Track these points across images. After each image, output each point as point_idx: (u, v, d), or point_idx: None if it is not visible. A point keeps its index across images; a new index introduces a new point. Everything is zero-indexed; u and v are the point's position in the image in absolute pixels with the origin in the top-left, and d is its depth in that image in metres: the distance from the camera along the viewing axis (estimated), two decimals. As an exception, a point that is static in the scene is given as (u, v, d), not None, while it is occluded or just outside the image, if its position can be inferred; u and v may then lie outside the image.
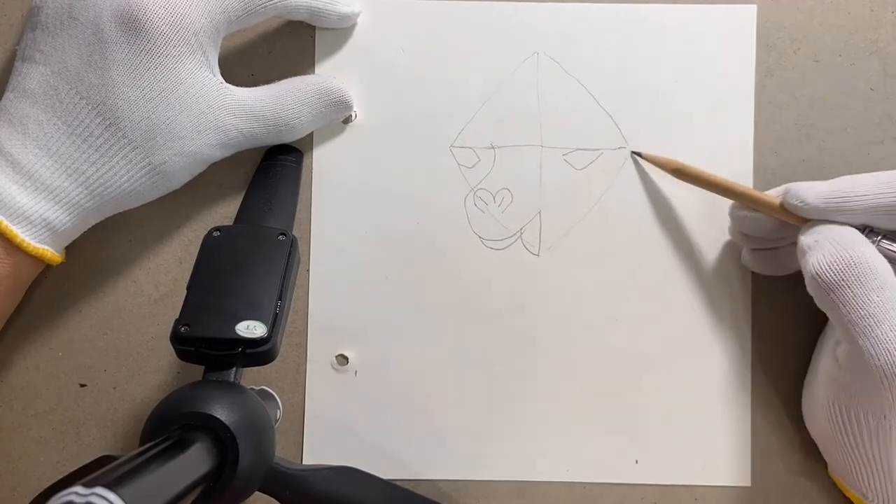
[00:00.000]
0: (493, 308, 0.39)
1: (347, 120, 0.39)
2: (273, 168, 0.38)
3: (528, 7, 0.39)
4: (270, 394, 0.36)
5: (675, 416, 0.38)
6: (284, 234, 0.34)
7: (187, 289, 0.32)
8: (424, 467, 0.38)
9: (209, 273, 0.32)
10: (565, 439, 0.38)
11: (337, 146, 0.39)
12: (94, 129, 0.33)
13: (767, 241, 0.36)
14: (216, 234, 0.34)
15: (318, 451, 0.38)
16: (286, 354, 0.38)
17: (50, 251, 0.34)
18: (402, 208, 0.39)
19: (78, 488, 0.20)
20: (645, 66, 0.39)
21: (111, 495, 0.20)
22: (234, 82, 0.36)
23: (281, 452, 0.32)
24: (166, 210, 0.39)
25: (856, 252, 0.30)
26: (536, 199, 0.39)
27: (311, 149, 0.39)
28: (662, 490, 0.38)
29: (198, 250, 0.33)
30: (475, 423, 0.38)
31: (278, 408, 0.37)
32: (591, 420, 0.38)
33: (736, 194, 0.35)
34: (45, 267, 0.36)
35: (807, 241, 0.32)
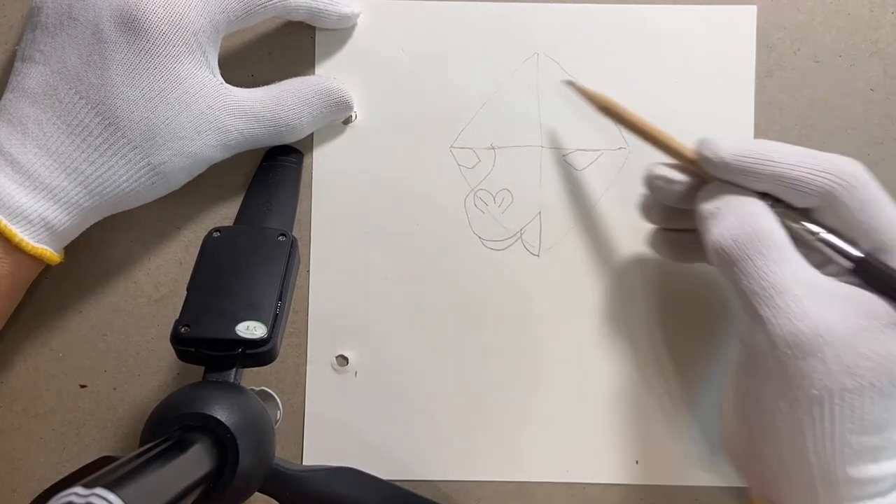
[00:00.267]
0: (493, 308, 0.39)
1: (348, 120, 0.39)
2: (273, 169, 0.38)
3: (528, 7, 0.39)
4: (270, 394, 0.36)
5: (676, 416, 0.38)
6: (284, 234, 0.34)
7: (187, 289, 0.32)
8: (424, 467, 0.38)
9: (209, 274, 0.32)
10: (565, 440, 0.38)
11: (337, 147, 0.39)
12: (93, 129, 0.33)
13: (678, 218, 0.34)
14: (216, 234, 0.34)
15: (318, 451, 0.38)
16: (286, 355, 0.38)
17: (49, 251, 0.34)
18: (402, 209, 0.39)
19: (78, 489, 0.20)
20: (645, 66, 0.39)
21: (111, 496, 0.20)
22: (234, 83, 0.36)
23: (281, 453, 0.32)
24: (166, 210, 0.39)
25: (759, 224, 0.30)
26: (536, 200, 0.39)
27: (312, 149, 0.39)
28: (662, 490, 0.38)
29: (198, 251, 0.33)
30: (475, 424, 0.38)
31: (278, 408, 0.37)
32: (591, 421, 0.38)
33: (655, 139, 0.33)
34: (45, 267, 0.36)
35: (708, 207, 0.31)
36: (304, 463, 0.38)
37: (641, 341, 0.38)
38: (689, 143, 0.39)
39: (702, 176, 0.32)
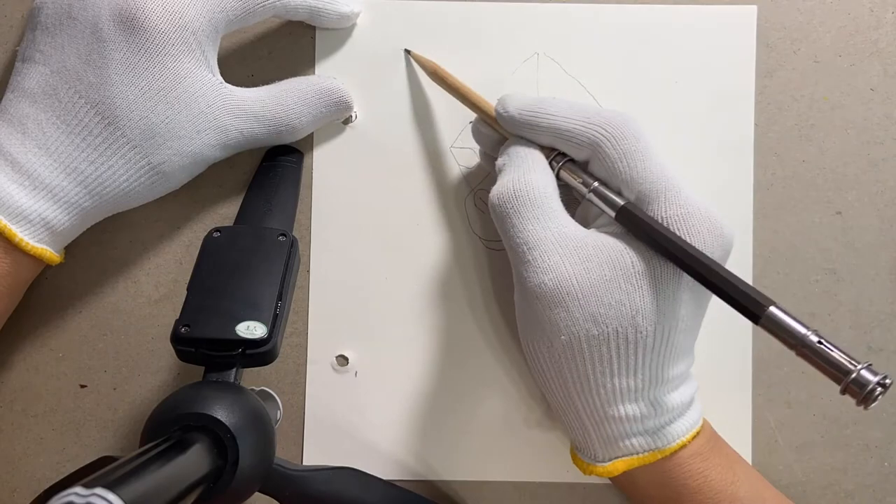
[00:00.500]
0: (494, 308, 0.39)
1: (347, 120, 0.39)
2: (273, 169, 0.38)
3: (528, 7, 0.39)
4: (270, 394, 0.36)
5: (676, 416, 0.38)
6: (284, 234, 0.34)
7: (187, 289, 0.32)
8: (424, 467, 0.38)
9: (209, 274, 0.32)
10: (565, 440, 0.38)
11: (337, 147, 0.39)
12: (92, 129, 0.33)
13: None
14: (216, 234, 0.34)
15: (318, 451, 0.38)
16: (286, 355, 0.38)
17: (49, 251, 0.34)
18: (402, 209, 0.39)
19: (78, 489, 0.20)
20: (645, 66, 0.39)
21: (111, 496, 0.20)
22: (234, 83, 0.36)
23: (281, 453, 0.32)
24: (166, 211, 0.39)
25: (520, 183, 0.32)
26: (536, 200, 0.39)
27: (312, 149, 0.39)
28: (663, 490, 0.38)
29: (198, 251, 0.33)
30: (475, 424, 0.38)
31: (278, 408, 0.37)
32: (591, 420, 0.38)
33: (471, 103, 0.36)
34: (45, 267, 0.36)
35: (499, 163, 0.34)
36: (304, 463, 0.38)
37: (641, 341, 0.38)
38: (695, 142, 0.39)
39: (506, 135, 0.35)
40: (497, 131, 0.35)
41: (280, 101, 0.36)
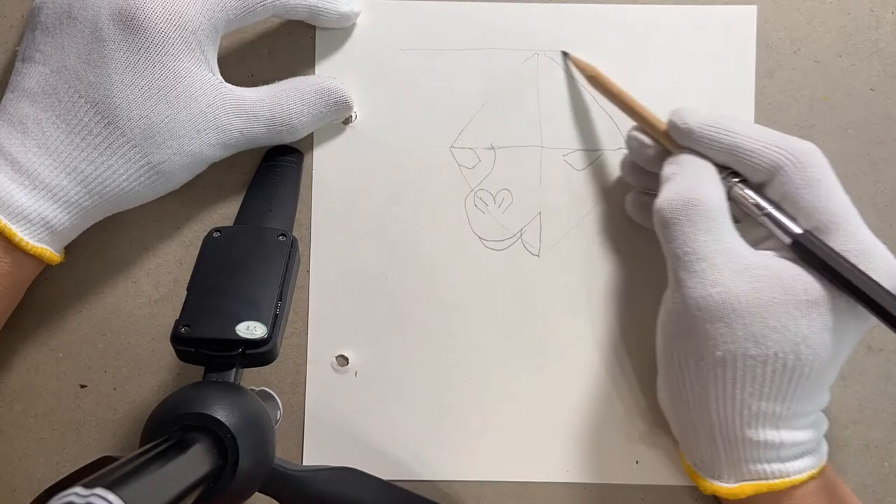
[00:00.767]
0: (494, 308, 0.39)
1: (347, 120, 0.39)
2: (273, 169, 0.38)
3: (528, 7, 0.39)
4: (270, 394, 0.36)
5: (676, 416, 0.38)
6: (284, 234, 0.34)
7: (187, 289, 0.32)
8: (424, 467, 0.38)
9: (209, 274, 0.32)
10: (565, 440, 0.38)
11: (337, 147, 0.39)
12: (92, 128, 0.33)
13: (652, 180, 0.36)
14: (216, 234, 0.34)
15: (318, 451, 0.38)
16: (286, 355, 0.38)
17: (49, 250, 0.34)
18: (402, 209, 0.39)
19: (78, 489, 0.20)
20: (645, 66, 0.39)
21: (111, 496, 0.20)
22: (234, 83, 0.36)
23: (281, 453, 0.32)
24: (166, 210, 0.39)
25: (697, 193, 0.32)
26: (536, 200, 0.39)
27: (311, 149, 0.39)
28: (663, 491, 0.38)
29: (198, 251, 0.33)
30: (475, 424, 0.38)
31: (278, 408, 0.37)
32: (591, 421, 0.38)
33: (633, 111, 0.35)
34: (45, 267, 0.36)
35: (667, 170, 0.33)
36: (304, 463, 0.38)
37: (642, 341, 0.38)
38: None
39: (671, 147, 0.34)
40: (659, 143, 0.34)
41: (280, 100, 0.36)
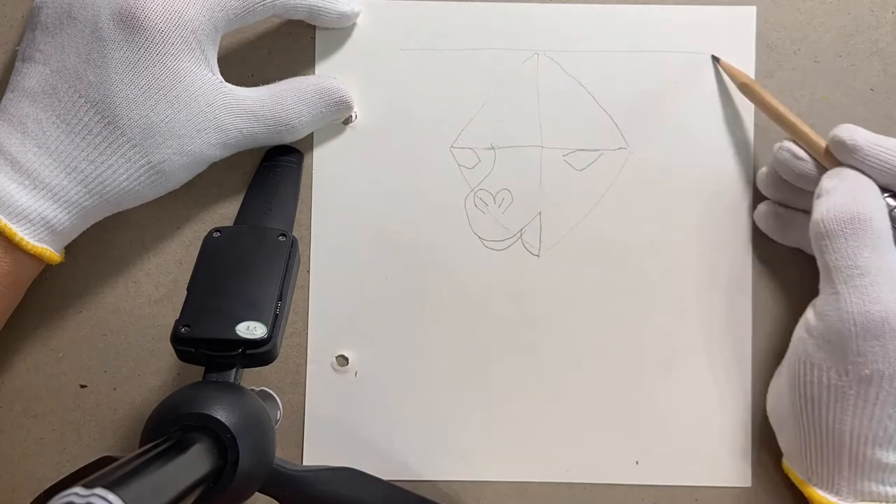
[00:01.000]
0: (494, 308, 0.39)
1: (347, 120, 0.39)
2: (273, 169, 0.38)
3: (528, 7, 0.39)
4: (271, 394, 0.36)
5: (675, 416, 0.38)
6: (284, 234, 0.34)
7: (187, 290, 0.32)
8: (424, 467, 0.38)
9: (209, 274, 0.32)
10: (565, 440, 0.38)
11: (337, 147, 0.39)
12: (92, 128, 0.33)
13: (792, 195, 0.36)
14: (216, 234, 0.34)
15: (318, 451, 0.38)
16: (286, 355, 0.38)
17: (49, 250, 0.34)
18: (402, 209, 0.39)
19: (78, 489, 0.20)
20: (645, 66, 0.39)
21: (111, 496, 0.20)
22: (234, 82, 0.36)
23: (281, 453, 0.32)
24: (166, 211, 0.39)
25: (864, 208, 0.31)
26: (537, 200, 0.39)
27: (312, 149, 0.39)
28: (663, 491, 0.38)
29: (198, 251, 0.33)
30: (475, 424, 0.38)
31: (278, 409, 0.37)
32: (591, 421, 0.38)
33: (787, 122, 0.35)
34: (45, 267, 0.36)
35: (827, 183, 0.33)
36: (304, 463, 0.38)
37: (641, 341, 0.38)
38: (695, 143, 0.39)
39: (827, 163, 0.34)
40: (813, 158, 0.34)
41: (280, 100, 0.36)
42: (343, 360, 0.38)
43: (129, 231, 0.39)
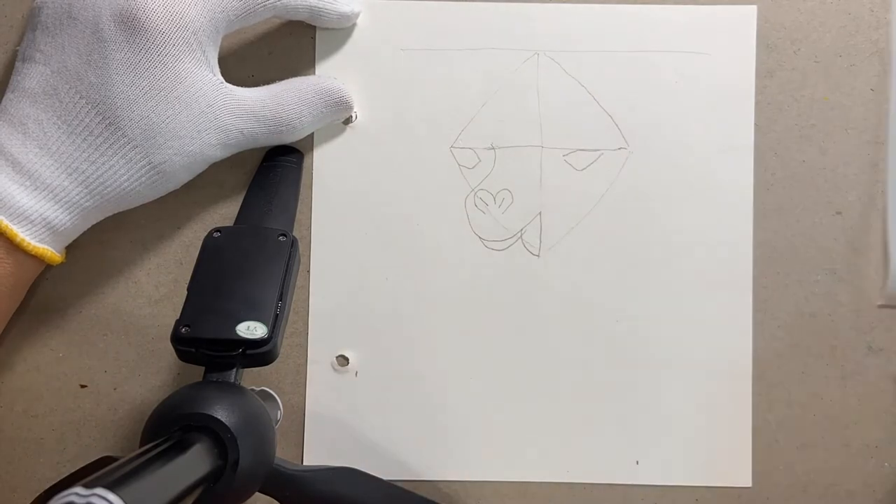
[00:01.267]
0: (494, 309, 0.39)
1: (348, 121, 0.39)
2: (273, 169, 0.38)
3: (528, 7, 0.39)
4: (271, 394, 0.36)
5: (676, 416, 0.38)
6: (285, 234, 0.34)
7: (188, 290, 0.32)
8: (424, 467, 0.38)
9: (210, 274, 0.32)
10: (565, 440, 0.38)
11: (337, 147, 0.39)
12: (93, 128, 0.33)
13: None
14: (217, 234, 0.34)
15: (319, 451, 0.38)
16: (287, 355, 0.38)
17: (50, 251, 0.34)
18: (402, 209, 0.39)
19: (78, 489, 0.20)
20: (645, 66, 0.39)
21: (111, 496, 0.20)
22: (235, 83, 0.36)
23: (281, 453, 0.32)
24: (167, 211, 0.39)
25: None
26: (537, 200, 0.39)
27: (312, 150, 0.39)
28: (663, 491, 0.38)
29: (198, 251, 0.33)
30: (475, 424, 0.38)
31: (279, 408, 0.37)
32: (591, 421, 0.38)
33: None
34: (46, 268, 0.36)
35: None
36: (304, 463, 0.38)
37: (641, 341, 0.38)
38: (695, 143, 0.39)
39: None
40: None
41: (280, 100, 0.36)
42: (343, 360, 0.39)
43: (129, 231, 0.39)
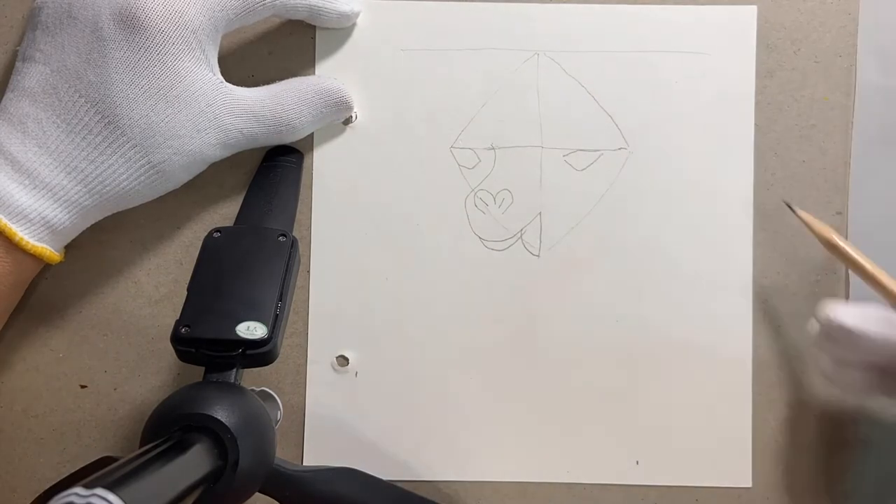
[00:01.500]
0: (494, 309, 0.39)
1: (348, 121, 0.39)
2: (273, 169, 0.38)
3: (528, 7, 0.39)
4: (271, 395, 0.36)
5: (676, 416, 0.38)
6: (285, 234, 0.34)
7: (188, 290, 0.32)
8: (424, 468, 0.38)
9: (210, 274, 0.32)
10: (565, 440, 0.38)
11: (337, 147, 0.39)
12: (92, 127, 0.33)
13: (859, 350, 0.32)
14: (217, 235, 0.34)
15: (319, 451, 0.38)
16: (286, 355, 0.38)
17: (49, 250, 0.34)
18: (402, 209, 0.39)
19: (78, 489, 0.20)
20: (645, 66, 0.39)
21: (111, 496, 0.20)
22: (235, 82, 0.36)
23: (281, 453, 0.32)
24: (166, 211, 0.39)
25: None
26: (537, 200, 0.39)
27: (312, 150, 0.39)
28: (663, 491, 0.38)
29: (198, 251, 0.33)
30: (475, 424, 0.38)
31: (279, 409, 0.37)
32: (591, 421, 0.38)
33: (875, 281, 0.33)
34: (46, 267, 0.36)
35: None
36: (304, 463, 0.38)
37: (641, 341, 0.38)
38: (695, 143, 0.39)
39: None
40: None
41: (280, 100, 0.36)
42: (343, 360, 0.39)
43: (129, 231, 0.39)
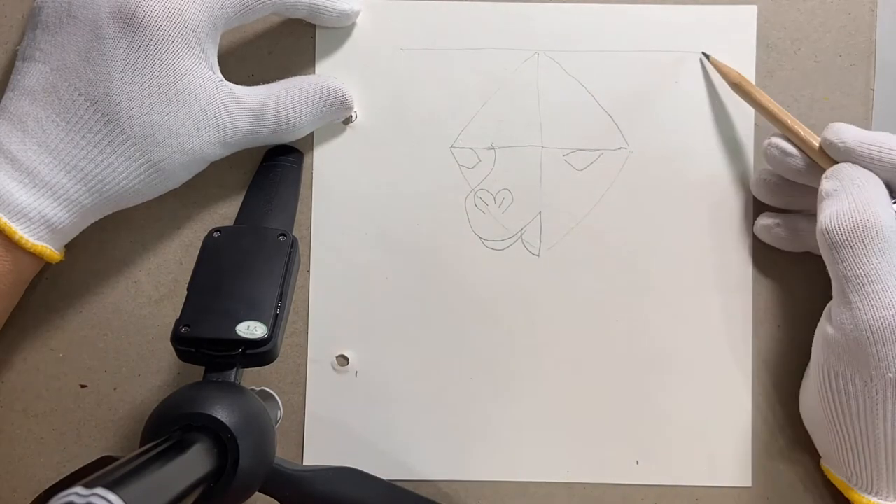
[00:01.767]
0: (494, 308, 0.39)
1: (348, 120, 0.39)
2: (273, 169, 0.38)
3: (528, 7, 0.39)
4: (271, 394, 0.36)
5: (675, 416, 0.38)
6: (285, 234, 0.34)
7: (188, 289, 0.32)
8: (424, 467, 0.38)
9: (210, 274, 0.32)
10: (565, 440, 0.38)
11: (337, 147, 0.39)
12: (92, 126, 0.33)
13: (789, 195, 0.36)
14: (217, 234, 0.34)
15: (319, 451, 0.38)
16: (286, 355, 0.38)
17: (49, 249, 0.34)
18: (402, 209, 0.39)
19: (78, 489, 0.20)
20: (645, 66, 0.39)
21: (111, 496, 0.20)
22: (235, 81, 0.36)
23: (281, 453, 0.32)
24: (167, 210, 0.39)
25: (868, 213, 0.31)
26: (537, 200, 0.39)
27: (312, 149, 0.39)
28: (663, 491, 0.38)
29: (198, 251, 0.33)
30: (475, 424, 0.38)
31: (279, 408, 0.37)
32: (591, 420, 0.38)
33: (780, 122, 0.35)
34: (46, 267, 0.36)
35: (828, 186, 0.32)
36: (304, 463, 0.38)
37: (641, 341, 0.38)
38: (695, 143, 0.39)
39: (823, 162, 0.34)
40: (806, 155, 0.34)
41: (280, 99, 0.36)
42: (343, 360, 0.39)
43: (129, 231, 0.39)
